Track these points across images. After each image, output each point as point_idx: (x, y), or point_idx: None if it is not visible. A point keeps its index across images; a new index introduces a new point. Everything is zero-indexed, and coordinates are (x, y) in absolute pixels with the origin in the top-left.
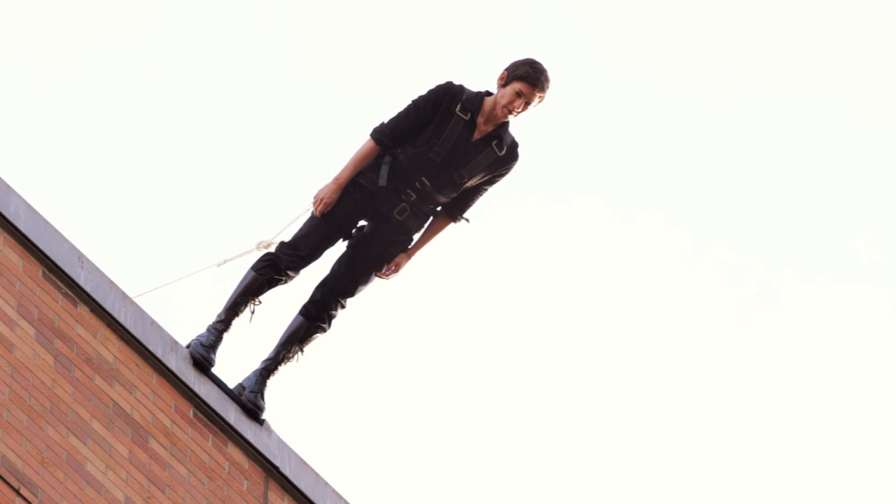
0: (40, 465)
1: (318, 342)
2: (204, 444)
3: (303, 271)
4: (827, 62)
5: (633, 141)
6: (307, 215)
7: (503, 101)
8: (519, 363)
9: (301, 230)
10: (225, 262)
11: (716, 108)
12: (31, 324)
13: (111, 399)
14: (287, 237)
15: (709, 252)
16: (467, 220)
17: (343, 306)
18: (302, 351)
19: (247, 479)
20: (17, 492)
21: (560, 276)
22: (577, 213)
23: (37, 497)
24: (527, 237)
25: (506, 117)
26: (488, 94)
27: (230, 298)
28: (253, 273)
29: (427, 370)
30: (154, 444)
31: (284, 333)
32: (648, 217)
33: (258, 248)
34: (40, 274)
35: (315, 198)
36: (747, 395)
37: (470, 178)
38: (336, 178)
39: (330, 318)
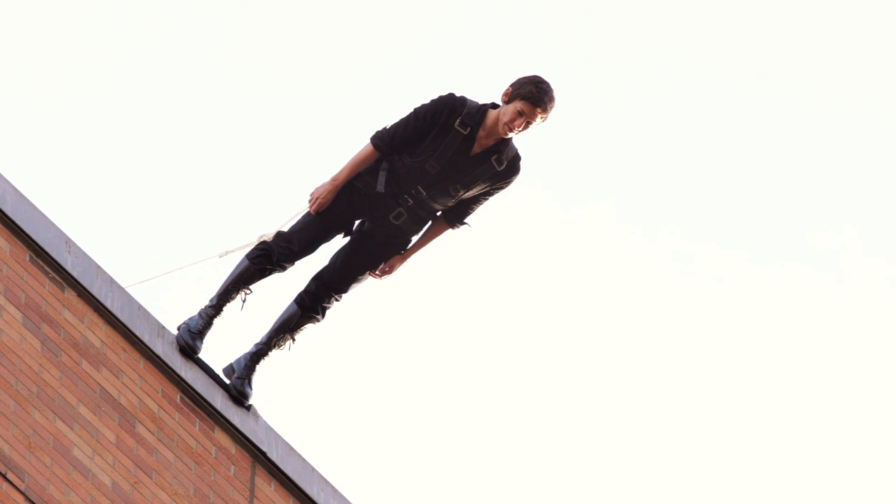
0: (27, 450)
1: (309, 330)
2: (191, 429)
3: (298, 263)
4: (775, 50)
5: (580, 130)
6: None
7: (504, 119)
8: (476, 352)
9: (297, 224)
10: (227, 252)
11: (663, 96)
12: (18, 308)
13: (98, 384)
14: (287, 228)
15: (658, 239)
16: (468, 225)
17: (337, 300)
18: (293, 339)
19: (234, 464)
20: (4, 476)
21: (511, 267)
22: (521, 204)
23: (23, 481)
24: (478, 230)
25: (506, 135)
26: (494, 106)
27: (223, 284)
28: (247, 261)
29: (413, 359)
30: (141, 429)
31: (278, 320)
32: (595, 206)
33: (259, 240)
34: (27, 258)
35: (311, 195)
36: (701, 381)
37: (467, 191)
38: (333, 179)
39: (324, 309)
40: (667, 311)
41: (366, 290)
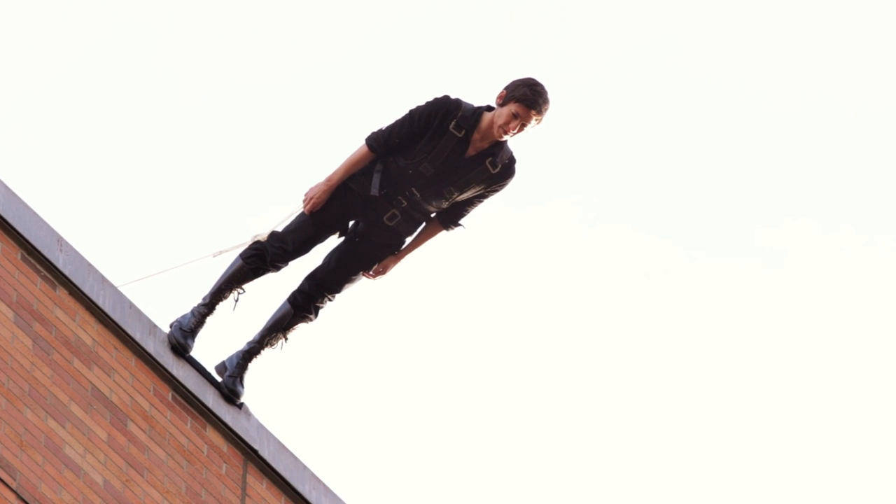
0: (18, 448)
1: (302, 329)
2: (183, 427)
3: (292, 263)
4: (728, 49)
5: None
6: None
7: (499, 122)
8: (465, 351)
9: (291, 225)
10: (221, 252)
11: (616, 89)
12: (9, 306)
13: (90, 382)
14: (281, 228)
15: (606, 232)
16: (462, 226)
17: (330, 299)
18: (286, 338)
19: (225, 462)
20: None
21: (495, 268)
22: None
23: (15, 480)
24: (470, 231)
25: (501, 137)
26: (489, 108)
27: (216, 283)
28: (240, 261)
29: (405, 358)
30: (133, 427)
31: (271, 319)
32: (554, 204)
33: (253, 240)
34: (19, 257)
35: (305, 196)
36: (645, 380)
37: (461, 193)
38: (328, 179)
39: (316, 309)
40: (624, 308)
41: (358, 289)
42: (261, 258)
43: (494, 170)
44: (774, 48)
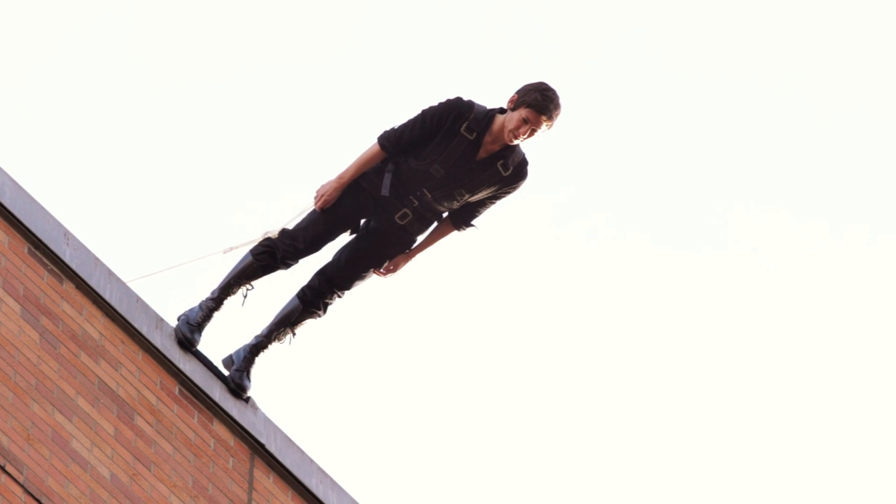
0: (25, 442)
1: (310, 325)
2: (189, 421)
3: (303, 260)
4: (700, 38)
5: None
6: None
7: (509, 126)
8: (471, 347)
9: (302, 222)
10: (231, 249)
11: (588, 84)
12: (16, 300)
13: (97, 376)
14: (292, 226)
15: (578, 228)
16: (474, 226)
17: (339, 296)
18: (294, 334)
19: (232, 456)
20: (3, 468)
21: (506, 267)
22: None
23: (22, 474)
24: (482, 232)
25: (511, 142)
26: (502, 111)
27: (225, 278)
28: (250, 257)
29: (410, 353)
30: (139, 421)
31: (279, 313)
32: (527, 200)
33: (264, 237)
34: (25, 250)
35: (317, 193)
36: (624, 374)
37: (472, 195)
38: (339, 177)
39: (325, 305)
40: (602, 303)
41: (367, 286)
42: (271, 255)
43: (506, 172)
44: (749, 41)
